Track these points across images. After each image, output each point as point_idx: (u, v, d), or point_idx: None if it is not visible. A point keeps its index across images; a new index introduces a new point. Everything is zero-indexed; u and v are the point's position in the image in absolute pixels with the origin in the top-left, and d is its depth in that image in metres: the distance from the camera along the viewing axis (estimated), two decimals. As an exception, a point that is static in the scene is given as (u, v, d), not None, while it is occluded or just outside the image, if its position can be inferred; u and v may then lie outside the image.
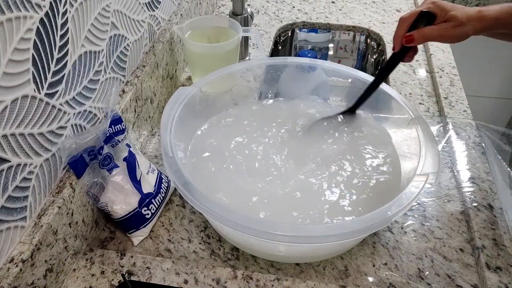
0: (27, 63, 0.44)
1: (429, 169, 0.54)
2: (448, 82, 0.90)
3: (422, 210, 0.65)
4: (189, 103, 0.65)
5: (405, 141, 0.65)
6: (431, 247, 0.59)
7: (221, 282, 0.54)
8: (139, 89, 0.70)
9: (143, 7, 0.71)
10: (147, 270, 0.56)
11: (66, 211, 0.52)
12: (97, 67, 0.59)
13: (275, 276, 0.55)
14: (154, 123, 0.79)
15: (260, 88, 0.79)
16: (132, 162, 0.58)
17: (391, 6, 1.22)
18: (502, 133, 0.75)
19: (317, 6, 1.20)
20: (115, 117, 0.58)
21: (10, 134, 0.43)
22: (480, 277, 0.56)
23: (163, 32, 0.81)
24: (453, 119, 0.80)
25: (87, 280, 0.54)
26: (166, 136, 0.58)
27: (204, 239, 0.60)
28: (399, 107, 0.66)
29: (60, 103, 0.51)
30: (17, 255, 0.46)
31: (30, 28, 0.44)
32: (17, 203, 0.46)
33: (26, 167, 0.47)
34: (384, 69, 0.62)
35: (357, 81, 0.72)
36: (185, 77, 0.93)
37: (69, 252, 0.54)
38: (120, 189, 0.56)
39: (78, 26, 0.52)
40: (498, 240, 0.59)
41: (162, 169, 0.67)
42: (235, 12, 0.89)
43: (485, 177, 0.68)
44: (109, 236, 0.61)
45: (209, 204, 0.49)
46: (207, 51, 0.80)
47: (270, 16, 1.15)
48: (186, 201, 0.61)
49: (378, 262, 0.57)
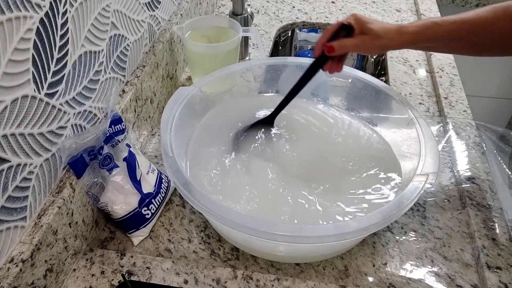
0: (27, 63, 0.44)
1: (429, 169, 0.54)
2: (448, 82, 0.90)
3: (422, 210, 0.65)
4: (189, 103, 0.65)
5: (405, 141, 0.65)
6: (431, 247, 0.59)
7: (221, 282, 0.54)
8: (139, 89, 0.70)
9: (143, 7, 0.71)
10: (147, 270, 0.56)
11: (66, 211, 0.52)
12: (97, 67, 0.59)
13: (275, 276, 0.55)
14: (154, 123, 0.79)
15: (260, 88, 0.79)
16: (132, 162, 0.58)
17: (391, 6, 1.22)
18: (502, 133, 0.75)
19: (317, 6, 1.20)
20: (115, 117, 0.58)
21: (10, 134, 0.43)
22: (480, 277, 0.56)
23: (163, 32, 0.81)
24: (453, 119, 0.80)
25: (87, 280, 0.54)
26: (166, 136, 0.58)
27: (204, 239, 0.60)
28: (399, 107, 0.66)
29: (60, 103, 0.51)
30: (17, 255, 0.46)
31: (30, 28, 0.44)
32: (17, 203, 0.46)
33: (26, 167, 0.47)
34: (303, 77, 0.64)
35: (357, 81, 0.72)
36: (185, 77, 0.93)
37: (69, 252, 0.54)
38: (120, 189, 0.56)
39: (78, 26, 0.52)
40: (498, 240, 0.59)
41: (162, 169, 0.67)
42: (235, 12, 0.89)
43: (485, 177, 0.68)
44: (109, 236, 0.61)
45: (209, 204, 0.49)
46: (207, 51, 0.80)
47: (270, 16, 1.16)
48: (186, 201, 0.61)
49: (378, 262, 0.57)
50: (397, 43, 0.59)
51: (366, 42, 0.58)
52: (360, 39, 0.58)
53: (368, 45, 0.59)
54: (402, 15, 1.17)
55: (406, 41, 0.58)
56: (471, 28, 0.56)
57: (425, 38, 0.58)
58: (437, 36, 0.57)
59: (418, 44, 0.59)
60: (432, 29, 0.57)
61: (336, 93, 0.77)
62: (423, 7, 1.19)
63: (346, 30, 0.59)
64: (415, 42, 0.58)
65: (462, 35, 0.57)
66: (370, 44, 0.58)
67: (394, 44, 0.59)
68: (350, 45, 0.59)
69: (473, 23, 0.56)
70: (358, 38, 0.59)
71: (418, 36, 0.58)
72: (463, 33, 0.56)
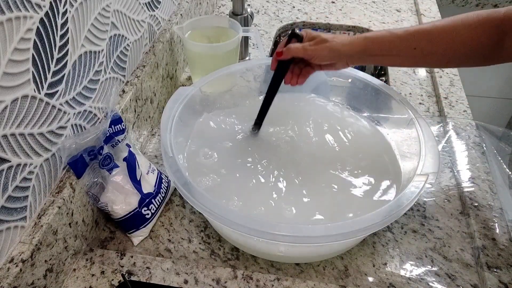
0: (27, 63, 0.44)
1: (429, 169, 0.54)
2: (448, 82, 0.90)
3: (422, 210, 0.65)
4: (189, 103, 0.65)
5: (405, 141, 0.65)
6: (431, 247, 0.59)
7: (221, 282, 0.54)
8: (139, 89, 0.70)
9: (143, 7, 0.71)
10: (147, 270, 0.56)
11: (66, 211, 0.52)
12: (97, 67, 0.59)
13: (275, 276, 0.55)
14: (154, 123, 0.79)
15: (260, 88, 0.79)
16: (132, 162, 0.58)
17: (391, 6, 1.22)
18: (502, 133, 0.75)
19: (317, 6, 1.20)
20: (115, 117, 0.58)
21: (10, 134, 0.43)
22: (480, 277, 0.56)
23: (163, 32, 0.81)
24: (453, 119, 0.80)
25: (87, 280, 0.54)
26: (166, 136, 0.58)
27: (204, 239, 0.60)
28: (399, 107, 0.66)
29: (60, 103, 0.51)
30: (17, 255, 0.46)
31: (30, 28, 0.44)
32: (17, 203, 0.46)
33: (26, 167, 0.47)
34: (269, 89, 0.65)
35: (357, 81, 0.72)
36: (185, 77, 0.93)
37: (69, 252, 0.54)
38: (120, 189, 0.56)
39: (78, 26, 0.52)
40: (498, 240, 0.59)
41: (162, 169, 0.67)
42: (235, 12, 0.89)
43: (485, 177, 0.68)
44: (109, 236, 0.61)
45: (209, 204, 0.49)
46: (207, 51, 0.80)
47: (270, 16, 1.16)
48: (186, 201, 0.61)
49: (378, 262, 0.57)
50: (347, 47, 0.57)
51: (311, 46, 0.58)
52: (306, 44, 0.59)
53: (314, 48, 0.58)
54: (402, 15, 1.17)
55: (357, 45, 0.57)
56: (425, 36, 0.55)
57: (376, 44, 0.57)
58: (389, 43, 0.56)
59: (370, 52, 0.57)
60: (384, 36, 0.56)
61: (336, 93, 0.77)
62: (423, 7, 1.19)
63: (296, 38, 0.61)
64: (366, 49, 0.57)
65: (416, 44, 0.55)
66: (316, 47, 0.58)
67: (344, 48, 0.57)
68: (294, 48, 0.59)
69: (427, 31, 0.55)
70: (304, 43, 0.60)
71: (369, 41, 0.57)
72: (416, 41, 0.55)
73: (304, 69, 0.63)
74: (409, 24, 1.13)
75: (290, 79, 0.64)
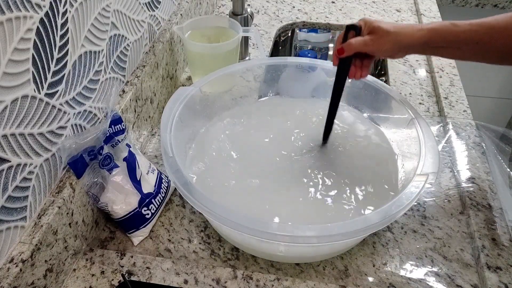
0: (27, 63, 0.44)
1: (429, 169, 0.54)
2: (448, 82, 0.90)
3: (422, 210, 0.65)
4: (189, 103, 0.65)
5: (405, 141, 0.65)
6: (431, 247, 0.59)
7: (221, 282, 0.54)
8: (139, 89, 0.70)
9: (143, 7, 0.71)
10: (147, 270, 0.56)
11: (66, 211, 0.52)
12: (97, 67, 0.59)
13: (275, 276, 0.55)
14: (154, 123, 0.79)
15: (260, 88, 0.79)
16: (132, 162, 0.58)
17: (391, 6, 1.22)
18: (502, 133, 0.75)
19: (317, 6, 1.20)
20: (115, 117, 0.58)
21: (10, 134, 0.43)
22: (480, 277, 0.56)
23: (163, 32, 0.81)
24: (453, 119, 0.80)
25: (87, 280, 0.54)
26: (166, 136, 0.58)
27: (204, 239, 0.60)
28: (399, 107, 0.66)
29: (60, 103, 0.51)
30: (17, 255, 0.46)
31: (30, 28, 0.44)
32: (17, 203, 0.46)
33: (26, 167, 0.47)
34: (335, 88, 0.63)
35: (357, 81, 0.72)
36: (185, 77, 0.93)
37: (69, 252, 0.54)
38: (120, 189, 0.56)
39: (78, 26, 0.52)
40: (498, 240, 0.59)
41: (162, 169, 0.67)
42: (235, 12, 0.89)
43: (485, 177, 0.68)
44: (109, 236, 0.61)
45: (209, 204, 0.49)
46: (207, 51, 0.80)
47: (270, 16, 1.15)
48: (186, 201, 0.61)
49: (378, 262, 0.57)
50: (410, 39, 0.56)
51: (373, 40, 0.56)
52: (367, 38, 0.57)
53: (377, 42, 0.56)
54: (402, 15, 1.17)
55: (421, 37, 0.55)
56: (487, 31, 0.53)
57: (440, 36, 0.55)
58: (453, 36, 0.55)
59: (433, 44, 0.56)
60: (448, 28, 0.55)
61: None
62: (423, 7, 1.19)
63: (354, 30, 0.58)
64: (429, 40, 0.55)
65: (478, 38, 0.54)
66: (379, 41, 0.56)
67: (408, 39, 0.56)
68: (356, 43, 0.57)
69: (490, 26, 0.53)
70: (365, 37, 0.57)
71: (434, 33, 0.55)
72: (479, 35, 0.54)
73: (365, 60, 0.62)
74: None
75: (354, 74, 0.62)
